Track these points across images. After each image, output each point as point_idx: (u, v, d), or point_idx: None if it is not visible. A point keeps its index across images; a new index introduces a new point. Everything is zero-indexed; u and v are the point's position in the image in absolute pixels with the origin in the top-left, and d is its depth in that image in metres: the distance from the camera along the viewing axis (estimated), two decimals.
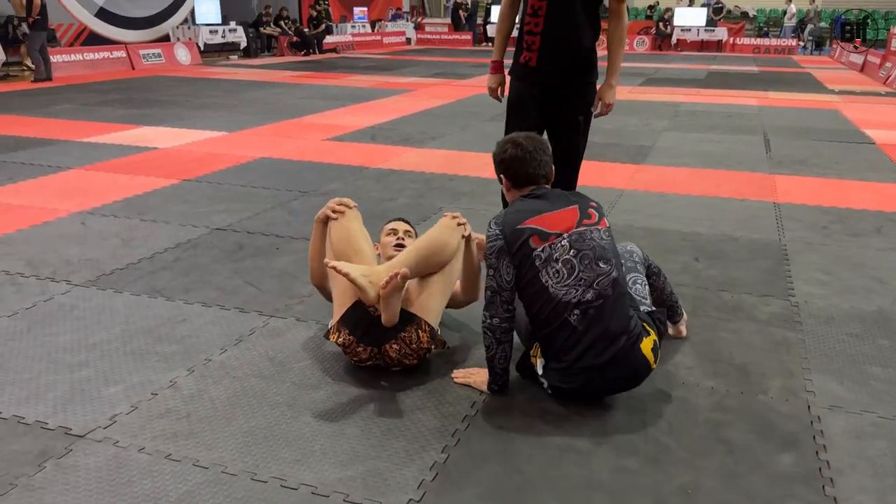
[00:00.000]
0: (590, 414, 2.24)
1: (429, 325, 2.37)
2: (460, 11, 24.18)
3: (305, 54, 17.78)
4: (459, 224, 2.51)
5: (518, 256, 2.19)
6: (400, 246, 2.71)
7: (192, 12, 16.30)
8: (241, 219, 4.25)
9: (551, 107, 3.16)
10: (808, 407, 2.30)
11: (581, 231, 2.22)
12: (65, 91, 10.37)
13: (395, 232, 2.81)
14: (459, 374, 2.42)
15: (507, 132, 3.23)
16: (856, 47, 17.77)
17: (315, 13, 19.03)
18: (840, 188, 5.19)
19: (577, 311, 2.15)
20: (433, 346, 2.42)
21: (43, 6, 11.19)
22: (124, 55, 13.98)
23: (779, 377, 2.48)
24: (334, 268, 2.21)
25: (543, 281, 2.17)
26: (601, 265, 2.19)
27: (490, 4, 23.45)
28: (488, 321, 2.23)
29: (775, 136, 7.26)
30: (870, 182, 5.40)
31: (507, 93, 3.28)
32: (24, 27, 11.45)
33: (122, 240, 3.84)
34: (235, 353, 2.60)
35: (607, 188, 5.04)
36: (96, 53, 13.45)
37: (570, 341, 2.17)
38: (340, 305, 2.44)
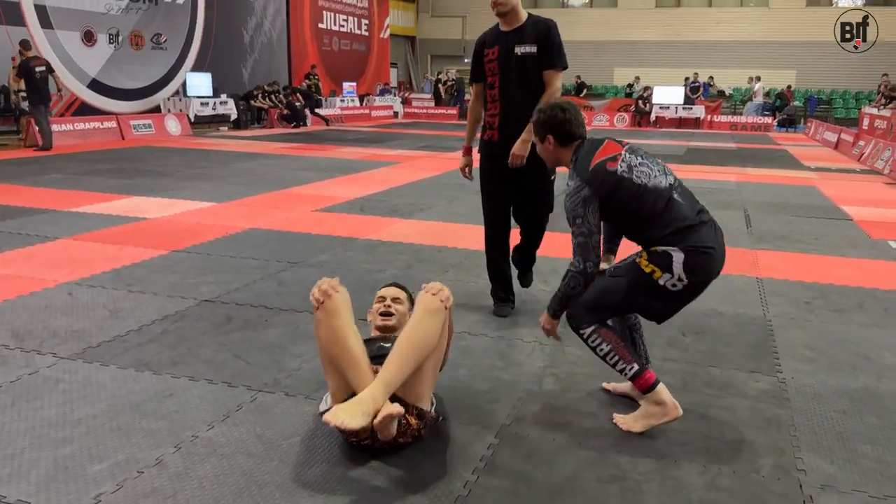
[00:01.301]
0: (584, 492, 2.22)
1: (416, 409, 2.37)
2: (440, 86, 24.92)
3: (295, 126, 18.10)
4: (441, 300, 2.44)
5: (607, 185, 2.54)
6: (387, 314, 2.72)
7: (184, 85, 16.63)
8: (229, 290, 4.25)
9: (514, 173, 3.71)
10: (801, 486, 2.29)
11: (628, 145, 2.67)
12: (55, 160, 10.44)
13: (382, 300, 2.80)
14: None
15: (482, 198, 3.92)
16: (855, 47, 18.36)
17: (306, 84, 19.51)
18: (821, 264, 5.30)
19: (674, 192, 2.59)
20: (425, 425, 2.41)
21: (42, 78, 11.36)
22: (115, 125, 14.16)
23: (770, 455, 2.48)
24: (327, 422, 2.18)
25: (643, 182, 2.56)
26: (658, 160, 2.67)
27: None
28: (581, 266, 2.55)
29: (755, 212, 7.43)
30: (850, 258, 5.51)
31: (476, 166, 3.98)
32: (20, 99, 11.64)
33: (109, 311, 3.82)
34: (223, 430, 2.56)
35: None
36: (87, 123, 13.61)
37: (684, 212, 2.55)
38: (338, 396, 2.43)
